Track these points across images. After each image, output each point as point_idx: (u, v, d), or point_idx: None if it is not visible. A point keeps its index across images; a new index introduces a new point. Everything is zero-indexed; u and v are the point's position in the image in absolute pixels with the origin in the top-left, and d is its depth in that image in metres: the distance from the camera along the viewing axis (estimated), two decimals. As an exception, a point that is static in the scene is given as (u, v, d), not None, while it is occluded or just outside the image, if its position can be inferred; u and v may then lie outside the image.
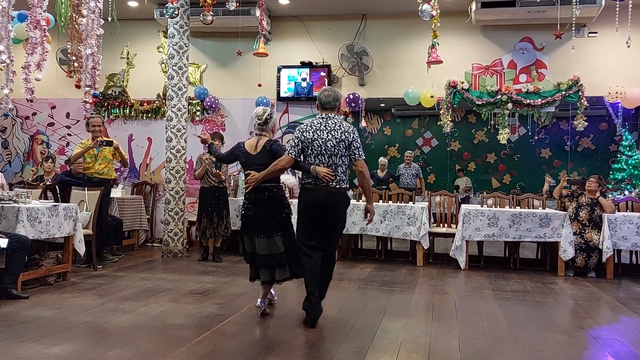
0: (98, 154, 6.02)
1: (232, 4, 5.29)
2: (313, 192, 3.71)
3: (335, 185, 3.70)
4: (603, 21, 6.91)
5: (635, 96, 6.93)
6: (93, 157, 6.01)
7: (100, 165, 6.03)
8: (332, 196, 3.70)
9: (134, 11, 7.72)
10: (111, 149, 6.05)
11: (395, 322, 3.86)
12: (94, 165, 6.00)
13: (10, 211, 4.44)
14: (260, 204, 3.88)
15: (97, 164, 6.01)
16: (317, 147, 3.70)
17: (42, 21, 4.40)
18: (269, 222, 3.86)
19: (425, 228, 6.40)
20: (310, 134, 3.72)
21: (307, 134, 3.72)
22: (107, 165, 6.11)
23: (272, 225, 3.86)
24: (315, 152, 3.70)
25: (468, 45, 7.53)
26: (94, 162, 6.01)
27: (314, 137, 3.71)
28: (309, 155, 3.72)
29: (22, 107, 8.33)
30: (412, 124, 13.17)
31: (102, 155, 6.04)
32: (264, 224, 3.86)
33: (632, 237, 5.97)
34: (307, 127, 3.75)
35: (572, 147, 12.12)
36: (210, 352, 3.09)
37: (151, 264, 6.19)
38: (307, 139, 3.72)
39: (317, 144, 3.70)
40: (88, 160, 6.01)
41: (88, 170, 6.01)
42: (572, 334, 3.66)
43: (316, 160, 3.70)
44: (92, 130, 6.04)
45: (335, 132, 3.71)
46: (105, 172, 6.07)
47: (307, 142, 3.72)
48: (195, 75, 8.09)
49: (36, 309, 3.96)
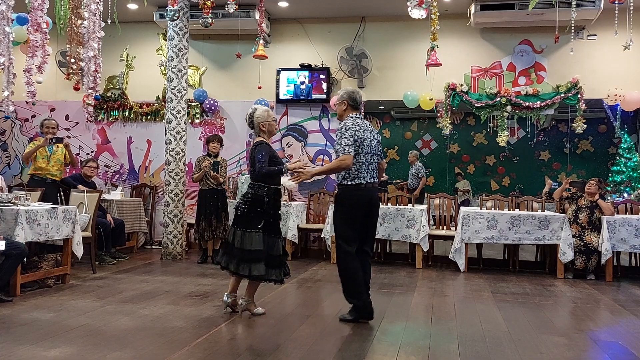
0: (51, 156, 6.07)
1: (231, 7, 5.30)
2: (369, 191, 3.84)
3: (375, 182, 3.92)
4: (602, 24, 6.93)
5: (634, 99, 6.94)
6: (46, 158, 6.05)
7: (53, 167, 6.09)
8: (377, 193, 3.95)
9: (133, 14, 7.73)
10: (63, 151, 6.14)
11: (395, 325, 3.86)
12: (47, 166, 6.06)
13: (9, 214, 4.43)
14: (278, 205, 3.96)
15: (50, 165, 6.07)
16: (366, 146, 3.84)
17: (42, 24, 4.41)
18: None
19: (424, 230, 6.40)
20: (361, 133, 3.82)
21: (359, 133, 3.81)
22: (60, 167, 6.20)
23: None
24: (364, 151, 3.82)
25: (467, 48, 7.54)
26: (47, 164, 6.06)
27: (365, 137, 3.84)
28: (359, 154, 3.80)
29: (22, 110, 8.32)
30: (411, 126, 13.19)
31: (54, 157, 6.10)
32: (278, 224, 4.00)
33: (631, 239, 5.97)
34: (358, 127, 3.83)
35: (571, 149, 12.13)
36: (209, 354, 3.09)
37: (150, 267, 6.18)
38: (360, 138, 3.81)
39: (366, 143, 3.84)
40: (40, 161, 6.03)
41: (41, 171, 6.04)
42: (571, 337, 3.66)
43: (365, 158, 3.82)
44: (45, 131, 6.08)
45: (373, 133, 3.95)
46: (57, 174, 6.16)
47: (360, 141, 3.81)
48: (195, 78, 8.09)
49: (35, 311, 3.96)
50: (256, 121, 3.92)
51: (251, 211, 3.81)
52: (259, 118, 3.91)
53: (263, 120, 3.91)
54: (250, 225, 3.79)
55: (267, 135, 3.98)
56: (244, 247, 3.76)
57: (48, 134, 6.03)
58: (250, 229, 3.78)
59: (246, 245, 3.76)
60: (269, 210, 3.84)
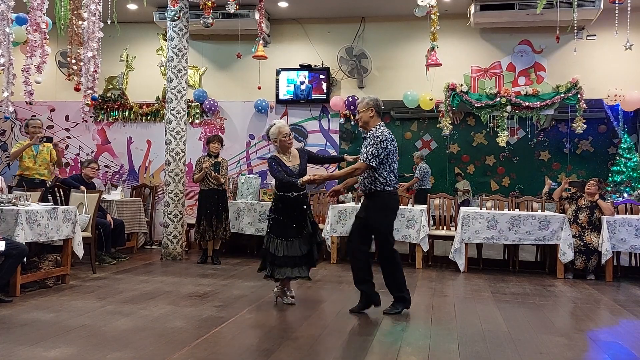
0: (37, 155, 6.03)
1: (231, 7, 5.30)
2: (397, 196, 4.17)
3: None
4: (602, 24, 6.93)
5: (634, 99, 6.95)
6: (32, 157, 6.00)
7: (40, 167, 6.05)
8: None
9: (133, 14, 7.73)
10: (49, 150, 6.09)
11: (395, 325, 3.86)
12: (34, 165, 6.01)
13: (9, 214, 4.43)
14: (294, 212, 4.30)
15: (36, 165, 6.02)
16: (392, 154, 4.00)
17: (42, 24, 4.41)
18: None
19: (424, 231, 6.40)
20: (391, 144, 3.97)
21: (391, 146, 3.97)
22: (47, 167, 6.14)
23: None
24: (391, 160, 3.98)
25: (467, 48, 7.54)
26: (34, 163, 6.01)
27: (394, 146, 4.01)
28: (388, 163, 3.96)
29: (21, 110, 8.32)
30: (411, 126, 13.18)
31: (41, 157, 6.06)
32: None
33: (631, 239, 5.97)
34: (391, 138, 3.99)
35: (571, 149, 12.13)
36: (210, 354, 3.09)
37: (150, 267, 6.18)
38: (390, 150, 3.96)
39: (393, 152, 4.00)
40: (27, 161, 5.98)
41: (29, 172, 5.99)
42: (571, 337, 3.66)
43: (392, 167, 4.00)
44: (31, 131, 6.01)
45: (395, 141, 4.07)
46: (45, 173, 6.11)
47: (391, 152, 3.97)
48: (195, 78, 8.09)
49: (35, 311, 3.96)
50: (270, 137, 4.29)
51: (269, 218, 4.31)
52: (271, 135, 4.27)
53: (274, 137, 4.26)
54: (272, 230, 4.28)
55: (279, 150, 4.31)
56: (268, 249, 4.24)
57: (34, 134, 5.94)
58: (272, 234, 4.28)
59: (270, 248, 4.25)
60: (281, 215, 4.22)
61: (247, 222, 6.97)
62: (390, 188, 4.01)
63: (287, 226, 4.24)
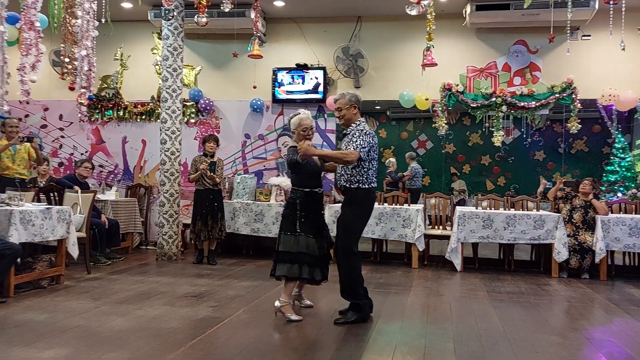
0: (15, 154, 5.95)
1: (227, 6, 5.28)
2: (374, 194, 4.02)
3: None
4: (597, 24, 6.96)
5: (628, 99, 6.98)
6: (10, 157, 5.91)
7: (19, 166, 5.97)
8: None
9: (127, 12, 7.70)
10: (27, 149, 6.00)
11: (391, 324, 3.86)
12: (13, 165, 5.93)
13: (3, 214, 4.40)
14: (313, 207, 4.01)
15: (15, 164, 5.94)
16: (374, 150, 3.90)
17: (36, 22, 4.38)
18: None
19: (420, 230, 6.41)
20: (373, 140, 3.88)
21: (373, 141, 3.87)
22: (26, 166, 6.08)
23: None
24: (371, 156, 3.88)
25: (463, 48, 7.56)
26: (13, 163, 5.93)
27: (375, 142, 3.91)
28: (372, 160, 3.88)
29: (15, 109, 8.27)
30: (407, 126, 13.22)
31: (19, 156, 5.97)
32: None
33: (625, 238, 6.00)
34: (372, 133, 3.89)
35: (566, 149, 12.19)
36: (205, 355, 3.08)
37: (145, 267, 6.16)
38: (372, 145, 3.86)
39: (375, 148, 3.90)
40: (6, 161, 5.89)
41: (8, 171, 5.89)
42: (566, 335, 3.67)
43: (375, 164, 3.91)
44: (8, 131, 5.88)
45: (376, 137, 3.95)
46: (24, 172, 6.04)
47: (373, 148, 3.88)
48: (190, 77, 8.06)
49: (29, 312, 3.93)
50: (290, 126, 4.06)
51: (284, 214, 4.00)
52: (291, 124, 4.04)
53: (293, 127, 4.02)
54: (282, 227, 3.97)
55: (298, 140, 4.01)
56: (277, 248, 3.95)
57: (12, 134, 5.81)
58: (281, 231, 3.96)
59: (278, 247, 3.94)
60: (301, 212, 3.91)
61: (242, 222, 6.95)
62: (367, 186, 3.86)
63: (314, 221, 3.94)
